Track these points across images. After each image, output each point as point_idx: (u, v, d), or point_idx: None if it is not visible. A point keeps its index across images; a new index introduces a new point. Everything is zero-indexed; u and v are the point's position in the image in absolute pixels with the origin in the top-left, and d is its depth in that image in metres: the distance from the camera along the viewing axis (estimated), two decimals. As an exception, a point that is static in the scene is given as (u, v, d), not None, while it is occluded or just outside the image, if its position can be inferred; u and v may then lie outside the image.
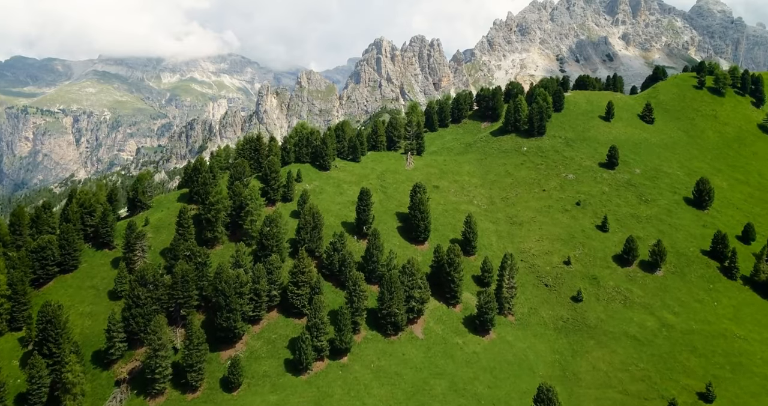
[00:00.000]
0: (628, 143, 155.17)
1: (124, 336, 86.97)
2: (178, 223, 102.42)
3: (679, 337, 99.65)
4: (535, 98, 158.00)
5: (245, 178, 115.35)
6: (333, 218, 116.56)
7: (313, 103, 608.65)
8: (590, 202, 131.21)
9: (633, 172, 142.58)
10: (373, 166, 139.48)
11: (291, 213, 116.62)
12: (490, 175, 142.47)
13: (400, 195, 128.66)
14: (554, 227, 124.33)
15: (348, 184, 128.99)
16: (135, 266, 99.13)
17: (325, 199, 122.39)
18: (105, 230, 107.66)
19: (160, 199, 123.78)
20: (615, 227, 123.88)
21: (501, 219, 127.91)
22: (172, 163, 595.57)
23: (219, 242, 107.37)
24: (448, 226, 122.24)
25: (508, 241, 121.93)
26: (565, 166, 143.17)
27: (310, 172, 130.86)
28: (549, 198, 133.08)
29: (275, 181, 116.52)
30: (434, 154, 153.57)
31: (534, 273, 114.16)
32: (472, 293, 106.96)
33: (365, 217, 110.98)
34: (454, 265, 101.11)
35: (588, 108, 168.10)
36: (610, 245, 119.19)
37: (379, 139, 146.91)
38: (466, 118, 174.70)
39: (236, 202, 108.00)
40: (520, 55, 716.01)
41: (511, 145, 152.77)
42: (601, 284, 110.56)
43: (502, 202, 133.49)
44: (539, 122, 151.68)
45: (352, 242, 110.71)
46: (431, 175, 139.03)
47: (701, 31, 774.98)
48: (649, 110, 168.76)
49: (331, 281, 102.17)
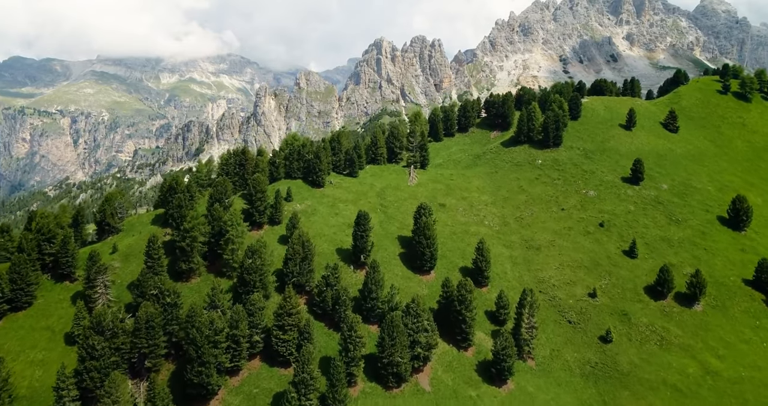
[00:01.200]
0: (652, 155, 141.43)
1: (77, 394, 73.21)
2: (147, 253, 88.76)
3: (726, 387, 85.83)
4: (550, 105, 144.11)
5: (227, 199, 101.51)
6: (326, 244, 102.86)
7: (312, 104, 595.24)
8: (615, 222, 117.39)
9: (660, 187, 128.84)
10: (372, 181, 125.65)
11: (279, 238, 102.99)
12: (501, 192, 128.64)
13: (403, 215, 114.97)
14: (576, 253, 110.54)
15: (344, 203, 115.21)
16: (96, 304, 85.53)
17: (317, 221, 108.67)
18: (66, 260, 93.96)
19: (132, 221, 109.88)
20: (644, 252, 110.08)
21: (516, 242, 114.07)
22: (168, 165, 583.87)
23: (195, 273, 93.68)
24: (457, 251, 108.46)
25: (524, 268, 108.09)
26: (584, 182, 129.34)
27: (301, 189, 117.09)
28: (568, 218, 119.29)
29: (261, 202, 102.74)
30: (440, 168, 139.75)
31: (555, 307, 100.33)
32: (486, 332, 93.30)
33: (363, 244, 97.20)
34: (466, 302, 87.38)
35: (607, 116, 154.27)
36: (640, 274, 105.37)
37: (379, 151, 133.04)
38: (474, 127, 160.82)
39: (215, 227, 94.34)
40: (522, 56, 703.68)
41: (524, 158, 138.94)
42: (632, 321, 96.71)
43: (516, 222, 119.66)
44: (555, 132, 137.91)
45: (348, 273, 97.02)
46: (437, 192, 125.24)
47: (706, 32, 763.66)
48: (673, 118, 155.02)
49: (323, 321, 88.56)
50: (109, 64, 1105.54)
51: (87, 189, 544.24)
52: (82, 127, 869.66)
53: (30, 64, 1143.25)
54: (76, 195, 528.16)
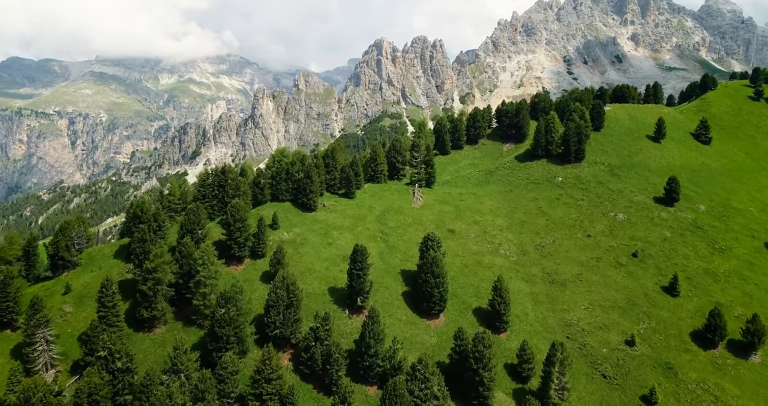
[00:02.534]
0: (686, 170, 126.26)
1: None
2: (99, 300, 73.77)
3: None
4: (570, 115, 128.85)
5: (200, 230, 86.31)
6: (317, 282, 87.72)
7: (311, 106, 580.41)
8: (650, 252, 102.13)
9: (697, 209, 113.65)
10: (371, 203, 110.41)
11: (262, 275, 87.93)
12: (518, 214, 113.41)
13: (406, 245, 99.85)
14: (608, 289, 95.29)
15: (339, 231, 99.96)
16: (35, 364, 70.48)
17: (308, 253, 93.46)
18: (6, 305, 78.94)
19: (92, 253, 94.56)
20: (687, 288, 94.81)
21: (537, 276, 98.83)
22: (164, 169, 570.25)
23: (160, 321, 78.61)
24: (470, 288, 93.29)
25: (548, 308, 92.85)
26: (612, 203, 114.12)
27: (290, 214, 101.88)
28: (596, 247, 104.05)
29: (241, 233, 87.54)
30: (448, 186, 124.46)
31: (586, 357, 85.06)
32: (506, 391, 78.10)
33: (360, 285, 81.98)
34: (484, 360, 72.23)
35: (632, 126, 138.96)
36: (684, 317, 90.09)
37: (379, 168, 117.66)
38: (485, 139, 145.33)
39: (184, 267, 79.29)
40: (525, 57, 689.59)
41: (543, 174, 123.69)
42: (679, 376, 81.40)
43: (536, 251, 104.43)
44: (577, 145, 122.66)
45: (342, 319, 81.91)
46: (445, 215, 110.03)
47: (711, 32, 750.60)
48: (704, 128, 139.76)
49: (311, 382, 73.48)
50: (107, 65, 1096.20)
51: (81, 193, 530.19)
52: (80, 129, 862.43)
53: (28, 65, 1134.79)
54: (70, 199, 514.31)
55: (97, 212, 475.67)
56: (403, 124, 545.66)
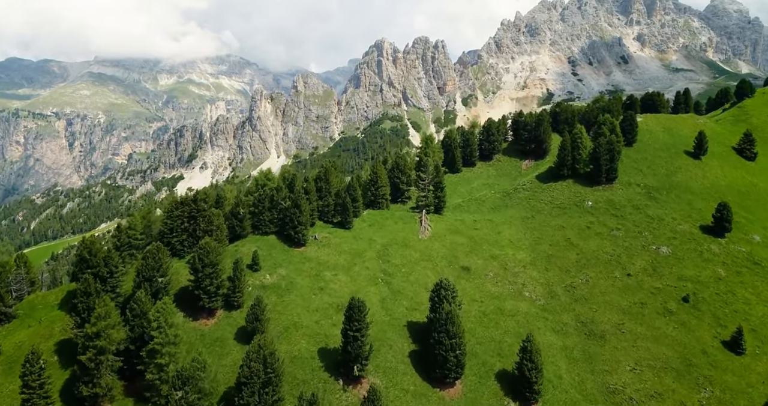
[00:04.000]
0: (732, 192, 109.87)
1: None
2: (23, 376, 57.57)
3: None
4: (599, 127, 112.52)
5: (162, 277, 69.92)
6: (304, 341, 71.39)
7: (310, 108, 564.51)
8: (703, 296, 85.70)
9: (751, 240, 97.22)
10: (371, 235, 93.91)
11: (237, 332, 71.72)
12: (543, 246, 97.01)
13: (413, 288, 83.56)
14: (657, 344, 78.90)
15: (333, 272, 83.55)
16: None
17: (294, 301, 77.14)
18: None
19: (34, 301, 78.20)
20: (753, 344, 78.42)
21: (569, 326, 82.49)
22: (160, 172, 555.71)
23: (105, 399, 62.31)
24: (490, 344, 76.96)
25: (585, 369, 76.49)
26: (652, 233, 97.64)
27: (273, 251, 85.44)
28: (639, 289, 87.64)
29: (211, 280, 71.22)
30: (459, 211, 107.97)
31: (638, 437, 68.91)
32: None
33: (357, 349, 65.57)
34: (516, 458, 56.03)
35: (668, 140, 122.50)
36: (753, 382, 73.67)
37: (381, 192, 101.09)
38: (500, 154, 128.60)
39: (136, 329, 63.06)
40: (529, 58, 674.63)
41: (569, 197, 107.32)
42: (757, 465, 65.38)
43: (566, 293, 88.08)
44: (609, 163, 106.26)
45: (335, 393, 65.60)
46: (458, 249, 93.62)
47: (718, 32, 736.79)
48: (749, 141, 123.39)
49: None
50: (106, 65, 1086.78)
51: (74, 197, 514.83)
52: (77, 130, 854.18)
53: (27, 66, 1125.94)
54: (63, 203, 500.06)
55: (91, 217, 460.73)
56: (404, 126, 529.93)
